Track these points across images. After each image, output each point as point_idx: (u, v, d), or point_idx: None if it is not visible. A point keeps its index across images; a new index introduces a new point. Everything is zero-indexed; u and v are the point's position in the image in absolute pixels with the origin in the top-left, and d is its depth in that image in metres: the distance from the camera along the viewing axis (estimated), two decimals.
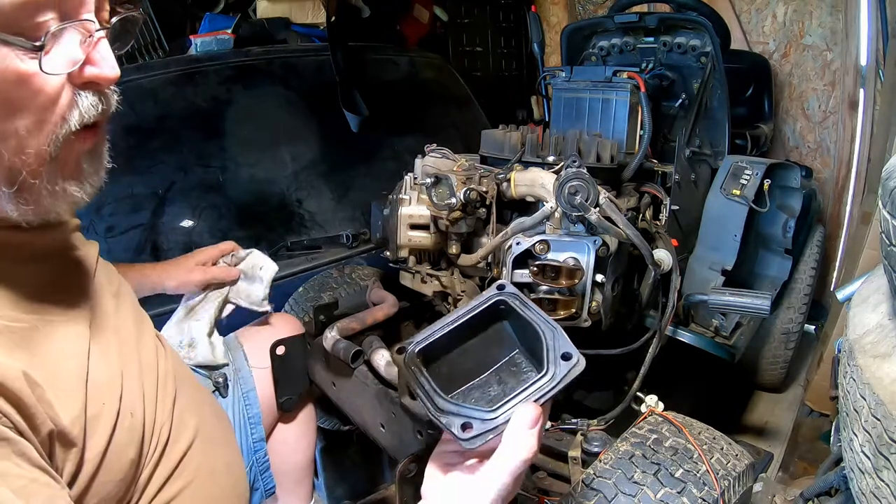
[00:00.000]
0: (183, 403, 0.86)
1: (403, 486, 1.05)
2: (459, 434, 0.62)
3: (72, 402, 0.63)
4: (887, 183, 0.85)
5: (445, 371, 0.71)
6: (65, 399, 0.62)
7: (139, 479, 0.73)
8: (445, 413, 0.64)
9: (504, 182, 1.32)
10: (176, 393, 0.85)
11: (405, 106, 2.60)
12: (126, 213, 1.84)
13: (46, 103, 0.56)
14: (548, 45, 2.71)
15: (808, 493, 1.34)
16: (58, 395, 0.62)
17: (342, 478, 1.98)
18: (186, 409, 0.86)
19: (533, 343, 0.71)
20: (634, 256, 1.41)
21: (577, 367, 0.66)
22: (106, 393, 0.69)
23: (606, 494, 0.97)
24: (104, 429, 0.67)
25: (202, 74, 2.14)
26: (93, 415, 0.66)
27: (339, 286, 1.76)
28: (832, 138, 3.11)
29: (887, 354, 0.86)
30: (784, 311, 2.31)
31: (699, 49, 1.97)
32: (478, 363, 0.73)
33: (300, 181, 2.16)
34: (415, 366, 0.69)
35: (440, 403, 0.65)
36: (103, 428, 0.67)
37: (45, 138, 0.58)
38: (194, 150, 2.02)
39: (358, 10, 2.81)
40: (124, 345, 0.77)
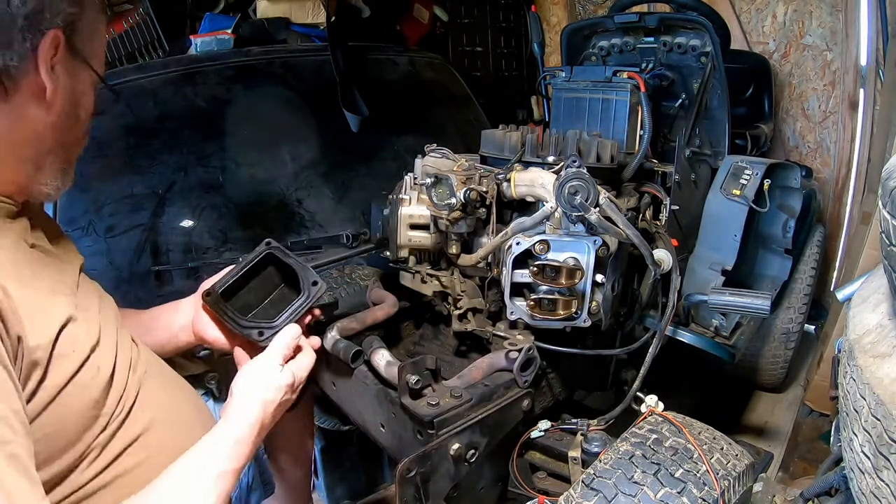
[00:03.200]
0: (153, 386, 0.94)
1: (403, 486, 1.05)
2: (257, 338, 1.01)
3: (42, 331, 0.72)
4: (887, 183, 0.85)
5: (240, 304, 1.05)
6: (37, 325, 0.72)
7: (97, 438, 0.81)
8: (246, 328, 1.01)
9: (504, 182, 1.32)
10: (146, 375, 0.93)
11: (405, 106, 2.60)
12: (126, 213, 1.84)
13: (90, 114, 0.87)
14: (548, 45, 2.71)
15: (808, 493, 1.34)
16: (31, 318, 0.71)
17: (342, 478, 1.98)
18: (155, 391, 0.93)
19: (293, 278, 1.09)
20: (634, 256, 1.41)
21: (321, 288, 1.07)
22: (78, 344, 0.78)
23: (606, 494, 0.97)
24: (68, 367, 0.76)
25: (202, 74, 2.14)
26: (59, 353, 0.75)
27: (339, 286, 1.76)
28: (832, 138, 3.11)
29: (887, 354, 0.86)
30: (784, 311, 2.31)
31: (699, 49, 1.97)
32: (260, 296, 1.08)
33: (300, 181, 2.16)
34: (220, 303, 1.03)
35: (241, 322, 1.02)
36: (68, 366, 0.76)
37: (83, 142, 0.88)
38: (194, 150, 2.02)
39: (358, 10, 2.81)
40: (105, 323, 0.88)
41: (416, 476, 1.06)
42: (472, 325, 1.40)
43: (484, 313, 1.42)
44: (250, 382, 0.90)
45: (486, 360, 1.28)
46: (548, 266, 1.17)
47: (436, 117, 2.69)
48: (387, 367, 1.27)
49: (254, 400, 0.88)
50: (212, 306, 1.02)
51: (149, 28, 2.31)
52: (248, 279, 1.07)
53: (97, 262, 1.74)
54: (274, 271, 1.11)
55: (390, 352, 1.33)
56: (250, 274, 1.07)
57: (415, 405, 1.13)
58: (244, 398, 0.88)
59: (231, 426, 0.85)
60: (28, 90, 0.75)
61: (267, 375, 0.91)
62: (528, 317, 1.24)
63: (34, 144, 0.78)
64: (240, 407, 0.87)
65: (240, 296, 1.06)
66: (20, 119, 0.75)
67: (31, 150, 0.78)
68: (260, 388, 0.89)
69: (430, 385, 1.18)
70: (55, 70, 0.76)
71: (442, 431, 1.10)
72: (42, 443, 0.72)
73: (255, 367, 0.92)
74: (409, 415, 1.14)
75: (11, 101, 0.74)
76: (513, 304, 1.25)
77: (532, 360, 1.25)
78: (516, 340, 1.28)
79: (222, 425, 0.86)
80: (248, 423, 0.86)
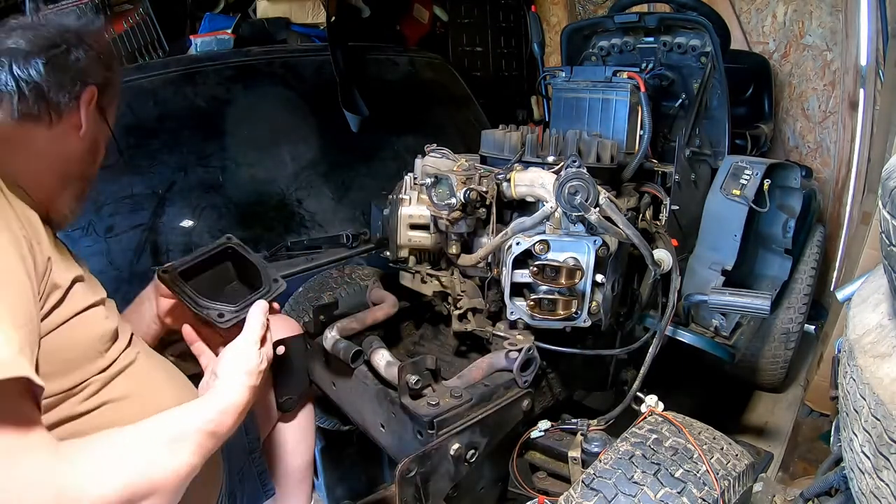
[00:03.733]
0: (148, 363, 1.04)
1: (403, 486, 1.05)
2: (217, 319, 1.02)
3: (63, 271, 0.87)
4: (887, 183, 0.85)
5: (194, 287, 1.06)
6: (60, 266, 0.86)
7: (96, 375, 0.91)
8: (205, 308, 1.02)
9: (504, 182, 1.32)
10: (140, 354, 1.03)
11: (405, 106, 2.60)
12: (126, 213, 1.84)
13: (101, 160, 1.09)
14: (548, 45, 2.71)
15: (808, 493, 1.34)
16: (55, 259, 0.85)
17: (342, 478, 1.98)
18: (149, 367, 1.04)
19: (251, 277, 1.11)
20: (634, 256, 1.41)
21: (282, 286, 1.09)
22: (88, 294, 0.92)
23: (606, 494, 0.97)
24: (81, 302, 0.89)
25: (202, 74, 2.14)
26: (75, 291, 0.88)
27: (339, 286, 1.75)
28: (832, 138, 3.11)
29: (887, 354, 0.86)
30: (784, 311, 2.30)
31: (699, 49, 1.97)
32: (212, 287, 1.08)
33: (300, 181, 2.16)
34: (178, 281, 1.05)
35: (200, 302, 1.03)
36: (81, 301, 0.89)
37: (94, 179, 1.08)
38: (194, 150, 2.02)
39: (358, 10, 2.81)
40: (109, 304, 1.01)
41: (416, 476, 1.06)
42: (472, 325, 1.40)
43: (484, 313, 1.42)
44: (236, 364, 0.94)
45: (486, 360, 1.28)
46: (548, 266, 1.17)
47: (436, 117, 2.69)
48: (387, 367, 1.27)
49: (240, 381, 0.92)
50: (168, 283, 1.04)
51: (149, 28, 2.31)
52: (204, 268, 1.09)
53: (97, 262, 1.74)
54: (229, 266, 1.13)
55: (390, 352, 1.33)
56: (207, 264, 1.10)
57: (415, 405, 1.13)
58: (230, 377, 0.93)
59: (218, 398, 0.89)
60: (68, 124, 0.98)
61: (250, 358, 0.95)
62: (528, 317, 1.24)
63: (65, 167, 0.99)
64: (226, 384, 0.92)
65: (195, 281, 1.07)
66: (59, 143, 0.98)
67: (62, 170, 0.99)
68: (244, 371, 0.94)
69: (430, 385, 1.18)
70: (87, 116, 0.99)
71: (442, 431, 1.10)
72: (49, 356, 0.80)
73: (240, 348, 0.96)
74: (409, 415, 1.14)
75: (55, 128, 0.96)
76: (513, 304, 1.25)
77: (532, 360, 1.25)
78: (516, 340, 1.28)
79: (209, 396, 0.90)
80: (233, 399, 0.90)
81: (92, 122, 1.01)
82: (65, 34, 0.98)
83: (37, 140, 0.96)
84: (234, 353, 0.95)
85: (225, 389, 0.91)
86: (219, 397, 0.89)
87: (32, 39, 0.95)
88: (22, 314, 0.71)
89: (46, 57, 0.94)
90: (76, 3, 2.11)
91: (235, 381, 0.92)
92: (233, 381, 0.92)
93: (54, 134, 0.97)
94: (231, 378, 0.92)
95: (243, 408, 0.91)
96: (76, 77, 0.96)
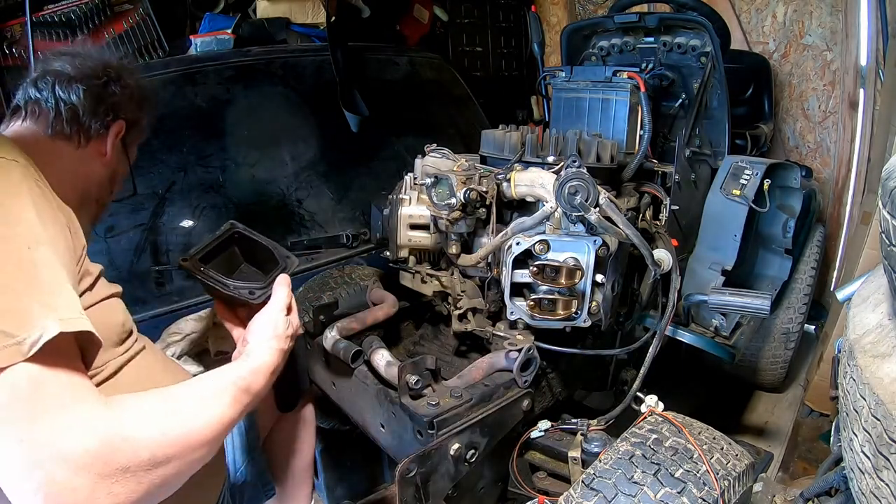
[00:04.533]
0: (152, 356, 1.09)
1: (403, 485, 1.05)
2: (250, 297, 1.06)
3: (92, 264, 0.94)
4: (887, 183, 0.85)
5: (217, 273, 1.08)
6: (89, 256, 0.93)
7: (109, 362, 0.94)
8: (238, 288, 1.06)
9: (504, 182, 1.32)
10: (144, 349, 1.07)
11: (405, 106, 2.60)
12: (126, 213, 1.84)
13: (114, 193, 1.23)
14: (548, 45, 2.71)
15: (808, 493, 1.34)
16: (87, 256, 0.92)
17: (342, 478, 1.98)
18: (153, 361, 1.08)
19: (257, 258, 1.15)
20: (634, 256, 1.41)
21: (295, 261, 1.13)
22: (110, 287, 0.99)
23: (606, 494, 0.97)
24: (106, 290, 0.96)
25: (202, 74, 2.14)
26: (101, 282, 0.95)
27: (339, 286, 1.75)
28: (832, 138, 3.11)
29: (887, 354, 0.86)
30: (784, 311, 2.31)
31: (699, 49, 1.97)
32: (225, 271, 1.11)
33: (300, 181, 2.16)
34: (201, 267, 1.07)
35: (230, 284, 1.07)
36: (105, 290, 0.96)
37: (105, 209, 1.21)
38: (194, 150, 2.02)
39: (358, 10, 2.81)
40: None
41: (416, 476, 1.07)
42: (472, 325, 1.40)
43: (484, 313, 1.42)
44: (266, 329, 0.99)
45: (486, 360, 1.28)
46: (548, 266, 1.17)
47: (436, 117, 2.69)
48: (387, 367, 1.27)
49: (269, 344, 0.97)
50: (192, 270, 1.07)
51: (149, 28, 2.30)
52: (215, 254, 1.13)
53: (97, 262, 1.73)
54: (236, 251, 1.17)
55: (390, 352, 1.33)
56: (217, 250, 1.13)
57: (415, 405, 1.13)
58: (261, 341, 0.97)
59: (250, 360, 0.94)
60: (95, 149, 1.10)
61: (278, 324, 1.00)
62: (528, 317, 1.24)
63: (85, 187, 1.09)
64: (257, 348, 0.96)
65: (212, 265, 1.11)
66: (84, 164, 1.09)
67: (82, 189, 1.08)
68: (273, 335, 0.99)
69: (430, 385, 1.18)
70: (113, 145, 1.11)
71: (442, 431, 1.10)
72: None
73: (269, 315, 1.01)
74: (409, 415, 1.14)
75: (83, 150, 1.08)
76: (513, 304, 1.25)
77: (532, 360, 1.25)
78: (516, 340, 1.28)
79: (241, 360, 0.95)
80: (264, 359, 0.95)
81: (115, 153, 1.12)
82: (108, 68, 1.11)
83: (64, 157, 1.05)
84: (264, 319, 1.01)
85: (257, 351, 0.95)
86: (251, 359, 0.94)
87: (78, 66, 1.07)
88: (73, 275, 0.78)
89: (87, 85, 1.06)
90: (76, 3, 2.11)
91: (266, 344, 0.97)
92: (264, 344, 0.97)
93: (80, 155, 1.07)
94: (262, 342, 0.97)
95: (274, 368, 0.96)
96: (109, 109, 1.09)
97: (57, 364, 0.68)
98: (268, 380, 0.94)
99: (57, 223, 0.81)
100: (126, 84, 1.13)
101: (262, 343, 0.97)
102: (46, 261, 0.73)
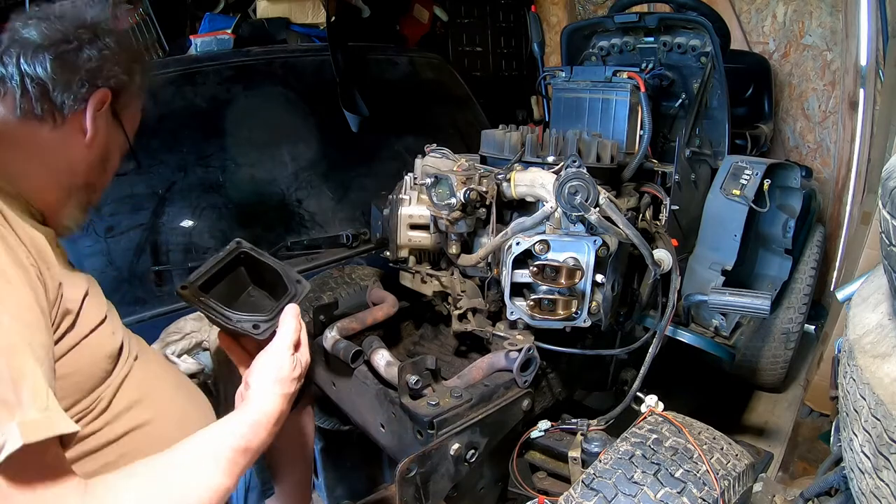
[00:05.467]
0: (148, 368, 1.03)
1: (403, 485, 1.05)
2: (253, 331, 0.95)
3: (73, 291, 0.85)
4: (887, 183, 0.85)
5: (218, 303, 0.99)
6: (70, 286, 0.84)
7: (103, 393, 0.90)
8: (239, 321, 0.96)
9: (504, 182, 1.32)
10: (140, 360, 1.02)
11: (405, 106, 2.60)
12: (126, 213, 1.83)
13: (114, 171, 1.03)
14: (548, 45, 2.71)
15: (808, 493, 1.34)
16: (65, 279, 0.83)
17: (342, 478, 1.98)
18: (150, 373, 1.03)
19: (266, 280, 1.05)
20: (634, 256, 1.41)
21: (306, 286, 1.03)
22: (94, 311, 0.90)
23: (606, 494, 0.97)
24: (91, 322, 0.88)
25: (202, 74, 2.13)
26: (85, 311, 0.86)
27: (339, 286, 1.75)
28: (832, 138, 3.11)
29: (887, 354, 0.86)
30: (784, 311, 2.31)
31: (699, 49, 1.97)
32: (228, 296, 1.03)
33: (300, 181, 2.16)
34: (201, 296, 0.98)
35: (231, 316, 0.96)
36: (90, 322, 0.88)
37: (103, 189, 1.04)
38: (194, 150, 2.02)
39: (358, 10, 2.81)
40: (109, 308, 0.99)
41: (416, 476, 1.06)
42: (472, 325, 1.39)
43: (484, 313, 1.42)
44: (268, 372, 0.89)
45: (486, 360, 1.28)
46: (548, 266, 1.17)
47: (436, 117, 2.69)
48: (387, 367, 1.27)
49: (272, 390, 0.88)
50: (190, 300, 0.97)
51: (149, 28, 2.30)
52: (219, 278, 1.03)
53: (97, 262, 1.74)
54: (243, 272, 1.07)
55: (390, 352, 1.33)
56: (222, 273, 1.03)
57: (415, 405, 1.13)
58: (261, 387, 0.88)
59: (249, 411, 0.85)
60: (73, 127, 0.91)
61: (283, 366, 0.90)
62: (528, 317, 1.24)
63: (69, 174, 0.94)
64: (258, 395, 0.87)
65: (214, 292, 1.01)
66: (64, 147, 0.91)
67: (66, 177, 0.93)
68: (276, 380, 0.89)
69: (430, 385, 1.18)
70: (97, 121, 0.92)
71: (442, 431, 1.10)
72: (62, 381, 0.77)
73: (272, 356, 0.91)
74: (409, 415, 1.14)
75: (60, 130, 0.90)
76: (513, 304, 1.25)
77: (532, 360, 1.25)
78: (516, 340, 1.28)
79: (240, 410, 0.86)
80: (265, 409, 0.86)
81: (103, 128, 0.94)
82: (79, 30, 0.90)
83: (39, 141, 0.89)
84: (267, 360, 0.90)
85: (256, 400, 0.86)
86: (250, 409, 0.85)
87: (45, 32, 0.88)
88: (40, 346, 0.69)
89: (55, 53, 0.87)
90: None
91: (269, 390, 0.87)
92: (266, 389, 0.87)
93: (58, 137, 0.90)
94: (264, 387, 0.87)
95: (277, 418, 0.87)
96: (85, 78, 0.89)
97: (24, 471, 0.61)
98: (270, 432, 0.86)
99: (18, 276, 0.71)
100: (105, 45, 0.91)
101: (263, 389, 0.87)
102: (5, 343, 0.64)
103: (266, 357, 0.91)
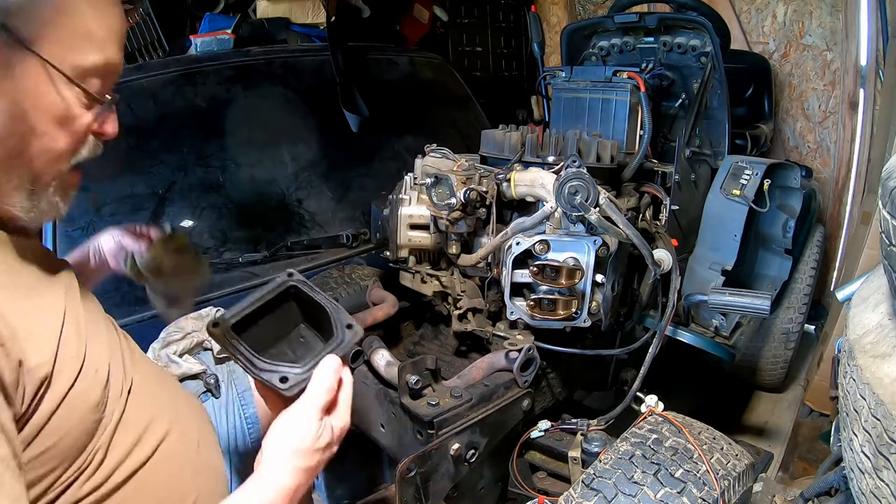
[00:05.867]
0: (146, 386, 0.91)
1: (403, 485, 1.05)
2: (279, 385, 0.80)
3: (43, 347, 0.70)
4: (887, 183, 0.85)
5: (252, 340, 0.84)
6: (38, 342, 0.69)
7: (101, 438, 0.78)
8: (264, 371, 0.81)
9: (504, 182, 1.32)
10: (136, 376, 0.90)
11: (405, 106, 2.60)
12: (126, 213, 1.83)
13: (79, 135, 0.74)
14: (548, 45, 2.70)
15: (808, 493, 1.34)
16: (31, 337, 0.67)
17: (342, 478, 1.97)
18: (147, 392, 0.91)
19: (318, 317, 0.90)
20: (634, 256, 1.41)
21: (357, 333, 0.87)
22: (72, 347, 0.75)
23: (606, 494, 0.97)
24: (70, 375, 0.73)
25: (202, 74, 2.13)
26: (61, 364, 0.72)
27: (339, 286, 1.75)
28: (832, 138, 3.11)
29: (887, 354, 0.86)
30: (784, 311, 2.31)
31: (699, 49, 1.97)
32: (274, 335, 0.90)
33: (300, 181, 2.16)
34: (231, 337, 0.83)
35: (259, 364, 0.81)
36: (69, 374, 0.73)
37: (65, 160, 0.74)
38: (194, 150, 2.02)
39: (358, 10, 2.82)
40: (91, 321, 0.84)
41: (416, 476, 1.06)
42: (472, 325, 1.40)
43: (484, 313, 1.42)
44: (286, 440, 0.75)
45: (486, 360, 1.28)
46: (548, 266, 1.17)
47: (436, 117, 2.69)
48: (387, 367, 1.27)
49: (288, 463, 0.74)
50: (219, 340, 0.84)
51: (149, 28, 2.31)
52: (263, 313, 0.90)
53: None
54: (294, 307, 0.93)
55: (390, 352, 1.33)
56: (267, 308, 0.90)
57: (415, 405, 1.13)
58: (277, 459, 0.74)
59: (260, 488, 0.73)
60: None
61: (307, 434, 0.75)
62: (528, 317, 1.24)
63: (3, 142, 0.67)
64: (271, 467, 0.74)
65: (252, 331, 0.88)
66: None
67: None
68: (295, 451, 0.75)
69: (430, 385, 1.18)
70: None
71: (442, 431, 1.10)
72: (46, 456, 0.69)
73: (294, 419, 0.76)
74: (409, 415, 1.14)
75: None
76: (513, 304, 1.25)
77: (532, 360, 1.25)
78: (516, 340, 1.28)
79: (251, 482, 0.74)
80: (278, 485, 0.73)
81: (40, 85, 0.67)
82: None
83: None
84: (285, 425, 0.76)
85: (269, 474, 0.73)
86: (261, 486, 0.73)
87: None
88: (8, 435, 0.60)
89: None
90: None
91: (281, 463, 0.74)
92: (278, 463, 0.74)
93: None
94: (276, 459, 0.74)
95: (292, 495, 0.73)
96: None
97: None
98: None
99: None
100: None
101: (278, 461, 0.74)
102: None
103: (287, 420, 0.76)
